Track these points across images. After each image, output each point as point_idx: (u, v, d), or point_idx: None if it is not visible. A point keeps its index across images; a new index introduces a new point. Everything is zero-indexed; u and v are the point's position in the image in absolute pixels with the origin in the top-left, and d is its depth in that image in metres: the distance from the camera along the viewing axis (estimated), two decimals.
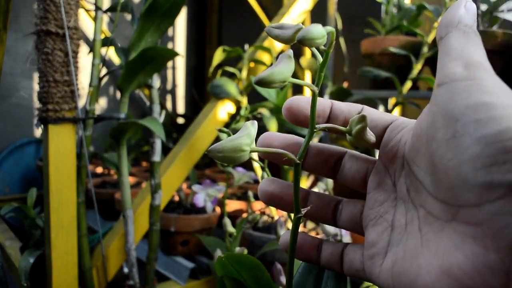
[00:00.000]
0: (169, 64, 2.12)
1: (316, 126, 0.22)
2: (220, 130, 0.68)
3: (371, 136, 0.21)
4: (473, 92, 0.16)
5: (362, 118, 0.20)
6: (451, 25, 0.19)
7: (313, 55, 0.19)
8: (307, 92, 1.31)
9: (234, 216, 0.94)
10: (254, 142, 0.20)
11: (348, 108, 0.23)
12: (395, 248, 0.20)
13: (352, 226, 0.24)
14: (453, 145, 0.15)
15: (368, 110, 0.23)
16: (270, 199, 0.24)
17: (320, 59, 0.20)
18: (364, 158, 0.24)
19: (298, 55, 1.67)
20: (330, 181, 0.40)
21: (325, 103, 0.23)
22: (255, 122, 0.19)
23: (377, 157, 0.23)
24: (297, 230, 0.24)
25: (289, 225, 0.77)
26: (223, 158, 0.18)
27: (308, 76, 1.34)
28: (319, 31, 0.18)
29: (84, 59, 0.68)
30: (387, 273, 0.19)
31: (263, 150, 0.21)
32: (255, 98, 0.86)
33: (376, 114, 0.23)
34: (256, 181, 0.73)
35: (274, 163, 0.26)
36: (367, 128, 0.21)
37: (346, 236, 0.61)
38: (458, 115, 0.16)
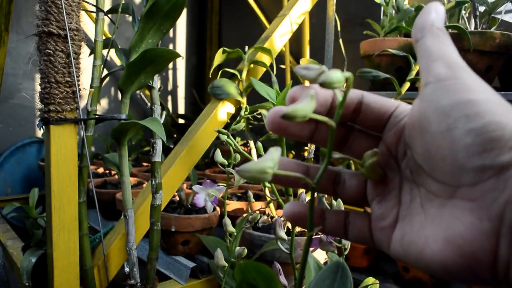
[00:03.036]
0: (170, 65, 2.12)
1: (333, 155, 0.24)
2: (219, 131, 0.69)
3: (381, 170, 0.23)
4: (459, 90, 0.19)
5: (374, 153, 0.23)
6: (425, 28, 0.21)
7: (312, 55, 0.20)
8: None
9: (234, 216, 0.94)
10: (277, 165, 0.22)
11: (350, 96, 0.24)
12: (402, 221, 0.22)
13: (356, 198, 0.25)
14: (448, 136, 0.18)
15: (369, 97, 0.24)
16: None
17: (340, 98, 0.22)
18: (371, 136, 0.25)
19: (298, 54, 1.67)
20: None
21: (326, 93, 0.24)
22: (279, 149, 0.22)
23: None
24: (309, 246, 0.26)
25: (289, 224, 0.78)
26: (249, 177, 0.21)
27: None
28: (337, 77, 0.20)
29: (86, 60, 0.69)
30: (397, 244, 0.22)
31: (283, 174, 0.23)
32: (255, 99, 0.86)
33: (379, 102, 0.24)
34: None
35: None
36: (379, 162, 0.23)
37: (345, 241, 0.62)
38: (449, 111, 0.18)
